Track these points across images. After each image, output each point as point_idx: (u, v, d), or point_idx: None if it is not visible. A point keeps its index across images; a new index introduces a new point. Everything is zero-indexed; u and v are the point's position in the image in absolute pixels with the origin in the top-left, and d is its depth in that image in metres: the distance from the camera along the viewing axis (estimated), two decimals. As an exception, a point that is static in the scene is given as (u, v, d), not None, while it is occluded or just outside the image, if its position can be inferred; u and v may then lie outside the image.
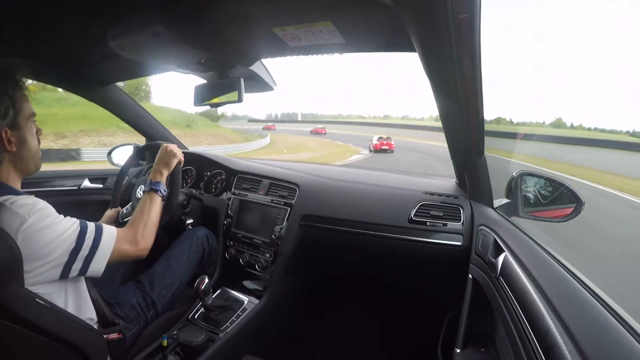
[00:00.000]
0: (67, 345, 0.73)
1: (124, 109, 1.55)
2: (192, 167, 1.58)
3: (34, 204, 0.69)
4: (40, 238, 0.67)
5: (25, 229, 0.65)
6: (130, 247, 0.84)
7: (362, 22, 0.76)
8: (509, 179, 1.07)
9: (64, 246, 0.70)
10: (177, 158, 1.07)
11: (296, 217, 1.24)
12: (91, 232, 0.75)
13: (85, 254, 0.73)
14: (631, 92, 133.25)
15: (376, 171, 1.66)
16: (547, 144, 19.76)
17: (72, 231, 0.72)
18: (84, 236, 0.73)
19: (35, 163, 0.79)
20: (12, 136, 0.72)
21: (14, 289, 0.64)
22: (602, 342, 0.44)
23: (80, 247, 0.72)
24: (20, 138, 0.74)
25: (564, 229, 3.11)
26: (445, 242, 1.09)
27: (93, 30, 0.87)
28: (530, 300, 0.59)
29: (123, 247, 0.81)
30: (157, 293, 1.02)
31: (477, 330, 0.96)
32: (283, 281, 1.24)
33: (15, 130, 0.73)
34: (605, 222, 5.10)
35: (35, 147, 0.78)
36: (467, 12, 0.53)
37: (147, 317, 0.99)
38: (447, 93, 0.78)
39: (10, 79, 0.73)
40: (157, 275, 1.06)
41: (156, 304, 1.01)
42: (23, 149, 0.75)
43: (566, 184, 0.99)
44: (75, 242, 0.71)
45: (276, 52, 1.02)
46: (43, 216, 0.68)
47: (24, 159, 0.76)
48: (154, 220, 0.93)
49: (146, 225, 0.89)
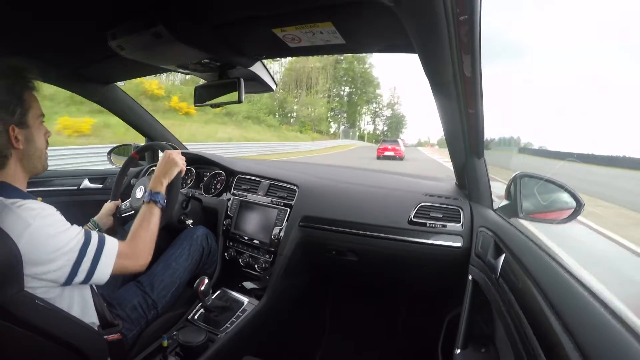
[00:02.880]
0: (67, 346, 0.72)
1: (124, 108, 1.55)
2: (192, 168, 1.58)
3: (40, 209, 0.70)
4: (43, 245, 0.67)
5: (30, 233, 0.65)
6: (131, 262, 0.83)
7: (362, 23, 0.76)
8: (509, 181, 1.07)
9: (67, 257, 0.70)
10: (178, 167, 1.05)
11: (296, 218, 1.24)
12: (94, 244, 0.75)
13: (87, 267, 0.73)
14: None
15: (376, 172, 1.66)
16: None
17: (75, 242, 0.72)
18: (87, 248, 0.73)
19: (42, 163, 0.80)
20: (20, 134, 0.72)
21: (13, 291, 0.64)
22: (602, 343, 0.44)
23: (81, 259, 0.72)
24: (28, 136, 0.75)
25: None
26: (445, 243, 1.09)
27: (93, 30, 0.87)
28: (531, 301, 0.59)
29: (124, 262, 0.81)
30: (158, 294, 1.02)
31: (477, 331, 0.95)
32: (283, 282, 1.24)
33: (23, 129, 0.73)
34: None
35: (42, 146, 0.79)
36: (467, 14, 0.53)
37: (147, 318, 0.99)
38: (447, 94, 0.78)
39: (18, 78, 0.73)
40: (157, 275, 1.06)
41: (157, 305, 1.01)
42: (30, 147, 0.75)
43: (565, 186, 0.99)
44: (78, 253, 0.71)
45: (276, 53, 1.03)
46: (47, 223, 0.69)
47: (31, 157, 0.76)
48: (154, 233, 0.92)
49: (146, 240, 0.89)
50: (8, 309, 0.63)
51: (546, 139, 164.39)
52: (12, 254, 0.63)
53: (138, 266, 0.85)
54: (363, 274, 1.39)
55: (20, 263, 0.64)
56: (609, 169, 17.28)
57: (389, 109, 54.25)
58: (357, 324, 1.65)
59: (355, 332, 1.63)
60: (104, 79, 1.37)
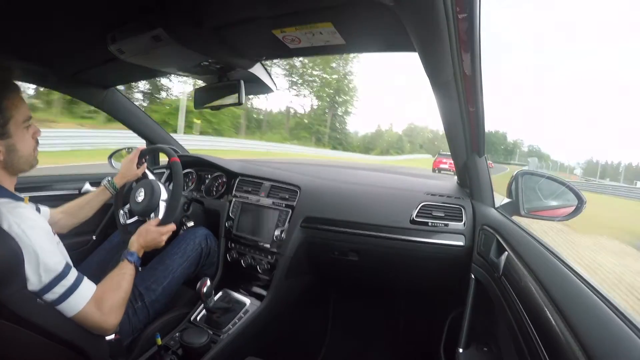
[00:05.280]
0: (69, 346, 0.73)
1: (124, 112, 1.55)
2: (193, 170, 1.58)
3: (33, 220, 0.70)
4: (26, 255, 0.66)
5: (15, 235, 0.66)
6: (99, 319, 0.76)
7: (362, 22, 0.76)
8: (510, 179, 1.07)
9: (38, 280, 0.68)
10: (159, 246, 1.02)
11: (297, 219, 1.24)
12: (68, 281, 0.71)
13: (54, 298, 0.70)
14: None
15: (377, 172, 1.66)
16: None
17: (50, 271, 0.69)
18: (58, 282, 0.70)
19: (29, 164, 0.79)
20: (0, 145, 0.71)
21: (15, 290, 0.64)
22: (606, 341, 0.43)
23: (49, 289, 0.69)
24: (9, 146, 0.73)
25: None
26: (447, 242, 1.09)
27: (93, 34, 0.87)
28: (533, 299, 0.59)
29: (90, 314, 0.74)
30: (146, 287, 1.01)
31: (479, 330, 0.95)
32: (285, 283, 1.24)
33: (4, 139, 0.72)
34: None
35: (28, 151, 0.77)
36: (466, 12, 0.53)
37: (134, 308, 0.97)
38: (447, 93, 0.78)
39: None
40: (148, 269, 1.05)
41: (144, 297, 0.99)
42: (12, 156, 0.74)
43: (567, 183, 0.99)
44: (47, 283, 0.69)
45: (276, 54, 1.03)
46: (35, 239, 0.68)
47: (14, 164, 0.75)
48: (128, 291, 0.86)
49: (121, 298, 0.82)
50: (9, 307, 0.63)
51: (541, 138, 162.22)
52: (13, 252, 0.63)
53: (103, 327, 0.77)
54: (365, 274, 1.39)
55: (22, 261, 0.64)
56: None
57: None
58: (360, 324, 1.65)
59: (358, 332, 1.62)
60: (104, 82, 1.37)
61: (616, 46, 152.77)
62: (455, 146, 1.07)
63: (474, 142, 1.02)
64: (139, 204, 1.11)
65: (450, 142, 1.06)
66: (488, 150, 1.05)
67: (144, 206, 1.10)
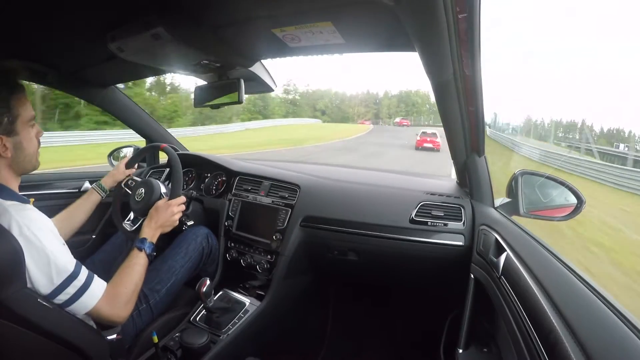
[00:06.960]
0: (69, 346, 0.73)
1: (124, 111, 1.55)
2: (192, 169, 1.58)
3: (41, 222, 0.71)
4: (34, 256, 0.67)
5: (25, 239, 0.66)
6: (110, 313, 0.78)
7: (362, 22, 0.76)
8: (510, 178, 1.07)
9: (50, 282, 0.69)
10: (175, 224, 1.03)
11: (297, 218, 1.24)
12: (79, 281, 0.73)
13: (65, 299, 0.71)
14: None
15: (377, 171, 1.66)
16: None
17: (62, 272, 0.70)
18: (70, 282, 0.71)
19: (33, 164, 0.80)
20: (8, 142, 0.72)
21: (15, 289, 0.64)
22: (605, 341, 0.43)
23: (61, 291, 0.70)
24: (16, 144, 0.74)
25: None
26: (446, 242, 1.09)
27: (93, 32, 0.87)
28: (533, 299, 0.59)
29: (102, 310, 0.76)
30: (150, 288, 1.01)
31: (479, 330, 0.95)
32: (284, 283, 1.24)
33: (11, 137, 0.73)
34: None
35: (33, 150, 0.79)
36: (466, 12, 0.53)
37: (139, 310, 0.97)
38: (447, 93, 0.79)
39: (6, 84, 0.72)
40: (151, 270, 1.05)
41: (148, 299, 1.00)
42: (19, 154, 0.75)
43: (567, 183, 0.99)
44: (59, 284, 0.70)
45: (276, 53, 1.02)
46: (45, 241, 0.69)
47: (20, 162, 0.76)
48: (139, 283, 0.88)
49: (131, 292, 0.84)
50: (9, 306, 0.63)
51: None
52: (13, 250, 0.63)
53: (114, 318, 0.80)
54: (365, 274, 1.39)
55: (23, 261, 0.64)
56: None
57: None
58: (359, 324, 1.65)
59: (357, 331, 1.62)
60: (104, 81, 1.37)
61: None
62: (455, 145, 1.07)
63: (474, 142, 1.02)
64: (139, 202, 1.11)
65: (450, 141, 1.06)
66: (409, 109, 1.04)
67: (145, 202, 1.10)
